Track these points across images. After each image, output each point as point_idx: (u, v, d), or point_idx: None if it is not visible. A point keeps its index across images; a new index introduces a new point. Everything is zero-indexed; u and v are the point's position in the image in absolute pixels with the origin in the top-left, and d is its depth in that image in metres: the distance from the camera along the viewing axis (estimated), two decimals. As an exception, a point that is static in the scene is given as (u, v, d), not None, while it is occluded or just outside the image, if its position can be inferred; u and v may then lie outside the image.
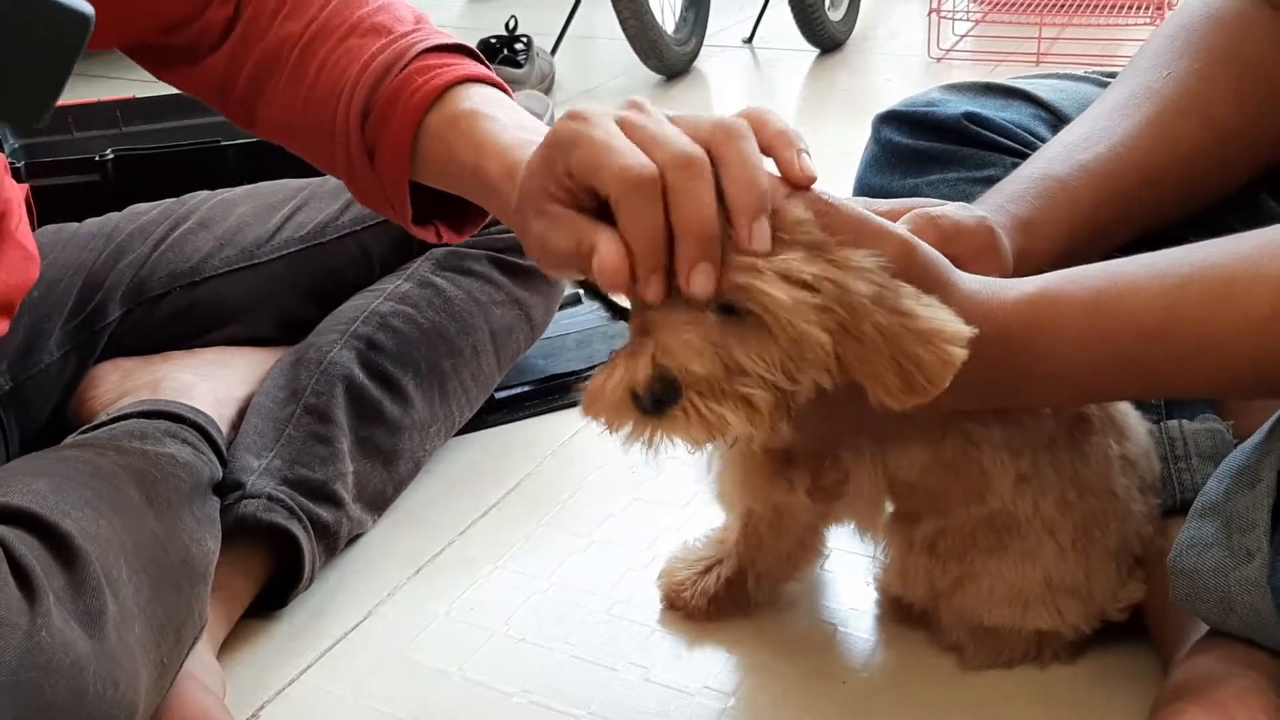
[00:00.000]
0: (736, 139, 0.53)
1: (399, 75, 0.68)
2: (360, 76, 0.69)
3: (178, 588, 0.69)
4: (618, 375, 0.54)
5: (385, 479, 0.92)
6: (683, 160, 0.52)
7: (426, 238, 0.74)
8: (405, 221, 0.72)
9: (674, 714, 0.73)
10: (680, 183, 0.51)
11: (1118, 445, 0.69)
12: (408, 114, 0.67)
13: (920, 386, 0.54)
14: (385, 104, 0.68)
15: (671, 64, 2.35)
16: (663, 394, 0.53)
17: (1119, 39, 2.40)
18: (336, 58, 0.71)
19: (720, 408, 0.53)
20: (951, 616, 0.74)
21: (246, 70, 0.74)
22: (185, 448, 0.79)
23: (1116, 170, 0.72)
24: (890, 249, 0.55)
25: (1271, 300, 0.54)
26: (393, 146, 0.68)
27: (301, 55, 0.72)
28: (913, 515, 0.71)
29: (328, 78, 0.71)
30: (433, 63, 0.69)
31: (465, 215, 0.75)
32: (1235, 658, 0.63)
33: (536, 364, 1.15)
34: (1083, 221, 0.71)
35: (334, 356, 0.92)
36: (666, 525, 0.91)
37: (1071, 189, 0.71)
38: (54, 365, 0.92)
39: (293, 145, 0.76)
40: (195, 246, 0.98)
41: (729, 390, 0.53)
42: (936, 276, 0.57)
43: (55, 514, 0.63)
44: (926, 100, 0.88)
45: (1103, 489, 0.68)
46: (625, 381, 0.54)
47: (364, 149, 0.69)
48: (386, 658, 0.79)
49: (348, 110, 0.69)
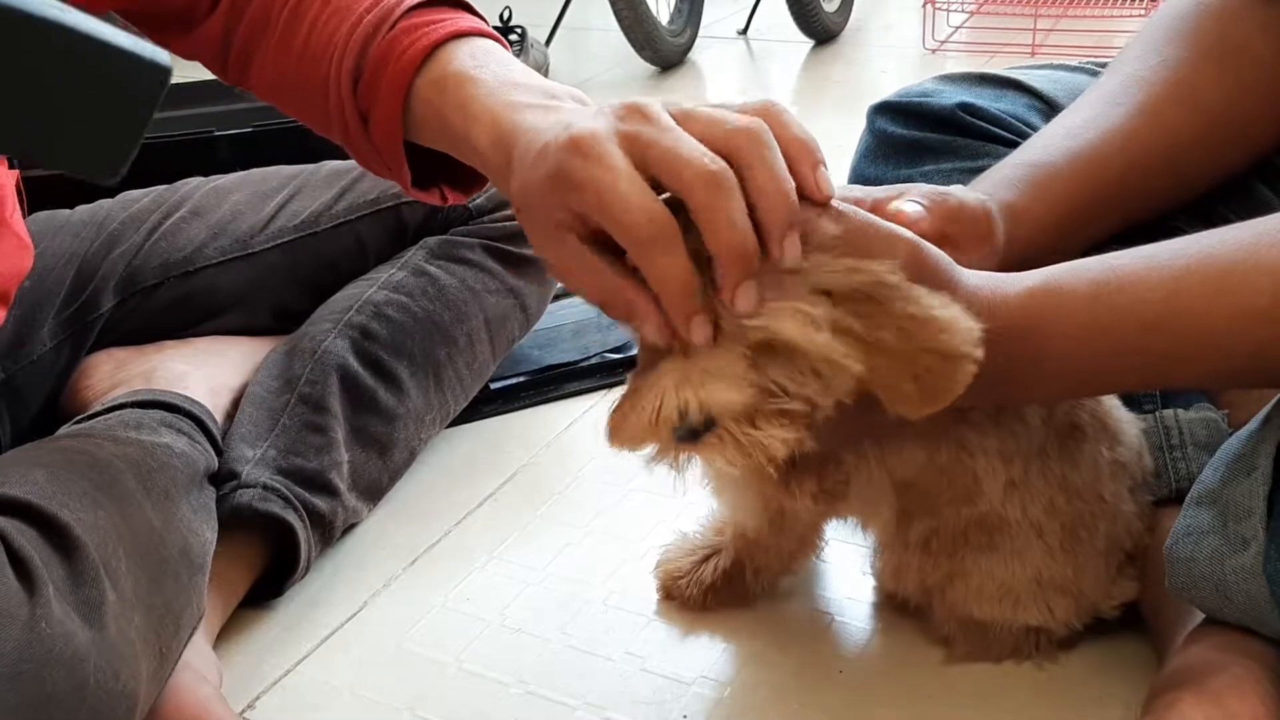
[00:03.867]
0: (761, 146, 0.51)
1: (387, 35, 0.66)
2: (349, 38, 0.67)
3: (176, 578, 0.69)
4: (648, 407, 0.53)
5: (380, 468, 0.92)
6: (709, 180, 0.50)
7: (430, 200, 0.73)
8: (406, 185, 0.70)
9: (670, 704, 0.73)
10: (711, 203, 0.50)
11: (1109, 451, 0.69)
12: (396, 79, 0.65)
13: (938, 393, 0.54)
14: (374, 68, 0.66)
15: (666, 55, 2.34)
16: (700, 427, 0.53)
17: (1114, 30, 2.41)
18: (326, 17, 0.69)
19: (756, 432, 0.53)
20: (943, 611, 0.74)
21: (240, 32, 0.73)
22: (181, 437, 0.79)
23: (1103, 157, 0.72)
24: (899, 252, 0.56)
25: (1271, 290, 0.55)
26: (384, 112, 0.66)
27: (291, 15, 0.71)
28: (905, 514, 0.71)
29: (318, 39, 0.69)
30: (420, 20, 0.66)
31: (470, 175, 0.73)
32: (1230, 646, 0.63)
33: (532, 354, 1.15)
34: (1070, 207, 0.71)
35: (328, 345, 0.91)
36: (663, 516, 0.91)
37: (1059, 175, 0.71)
38: (47, 355, 0.92)
39: (288, 108, 0.75)
40: (189, 236, 0.98)
41: (765, 412, 0.53)
42: (943, 275, 0.58)
43: (53, 504, 0.63)
44: (921, 91, 0.88)
45: (1091, 494, 0.69)
46: (657, 415, 0.53)
47: (358, 113, 0.68)
48: (382, 648, 0.79)
49: (339, 74, 0.67)
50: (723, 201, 0.50)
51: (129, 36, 0.48)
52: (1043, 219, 0.70)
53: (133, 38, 0.48)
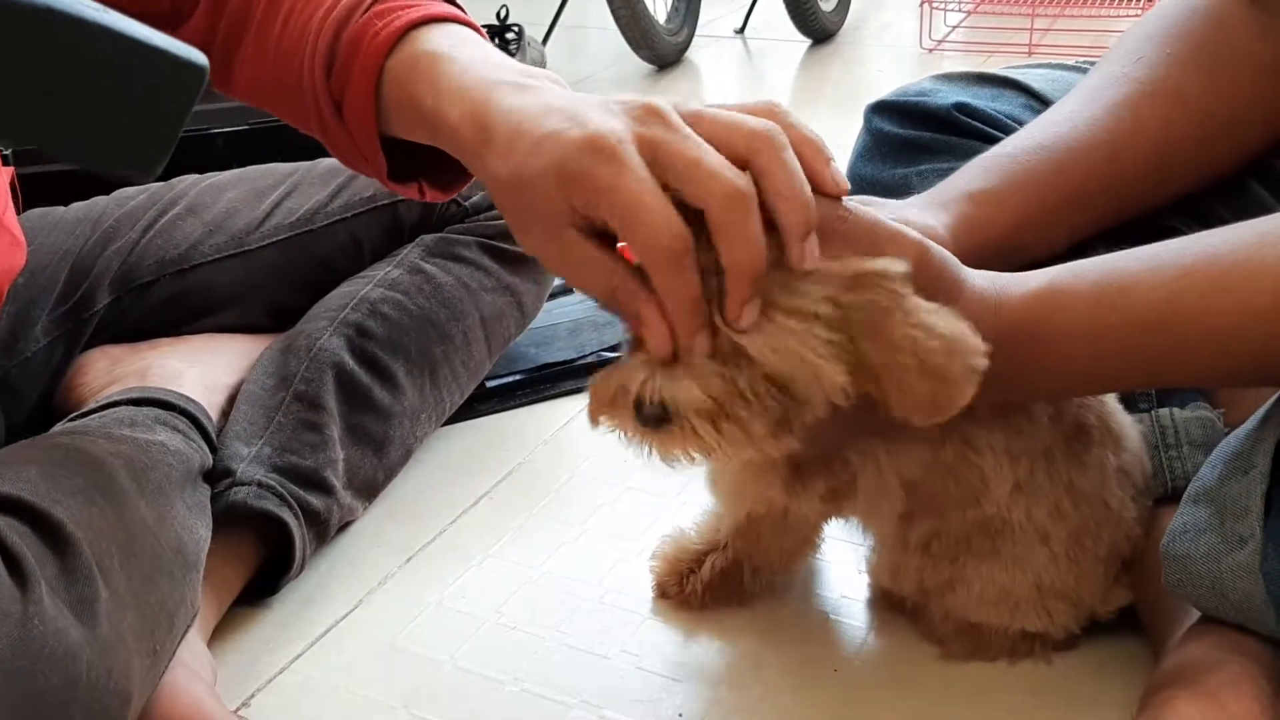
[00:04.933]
0: (778, 150, 0.51)
1: (360, 20, 0.65)
2: (323, 25, 0.66)
3: (170, 575, 0.69)
4: (614, 386, 0.55)
5: (376, 466, 0.92)
6: (734, 196, 0.50)
7: (409, 194, 0.71)
8: (381, 176, 0.68)
9: (666, 702, 0.73)
10: (732, 219, 0.50)
11: (1115, 457, 0.69)
12: (368, 60, 0.63)
13: (944, 403, 0.55)
14: (347, 52, 0.65)
15: (663, 54, 2.34)
16: (662, 413, 0.53)
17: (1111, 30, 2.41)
18: (300, 7, 0.68)
19: (714, 430, 0.53)
20: (939, 613, 0.74)
21: (221, 29, 0.72)
22: (175, 435, 0.79)
23: (1078, 149, 0.73)
24: (906, 252, 0.56)
25: (1272, 289, 0.55)
26: (357, 97, 0.64)
27: (268, 8, 0.70)
28: (908, 514, 0.71)
29: (293, 29, 0.68)
30: (393, 5, 0.65)
31: (451, 172, 0.71)
32: (1226, 644, 0.63)
33: (528, 353, 1.15)
34: (1036, 195, 0.71)
35: (324, 343, 0.91)
36: (659, 514, 0.91)
37: (1034, 163, 0.72)
38: (41, 353, 0.92)
39: (268, 105, 0.73)
40: (184, 233, 0.98)
41: (730, 414, 0.53)
42: (949, 276, 0.58)
43: (46, 502, 0.63)
44: (918, 90, 0.88)
45: (1097, 500, 0.69)
46: (626, 390, 0.54)
47: (331, 101, 0.66)
48: (378, 646, 0.79)
49: (312, 61, 0.66)
50: (744, 219, 0.50)
51: (165, 37, 0.48)
52: (1019, 205, 0.70)
53: (168, 38, 0.48)
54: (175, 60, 0.48)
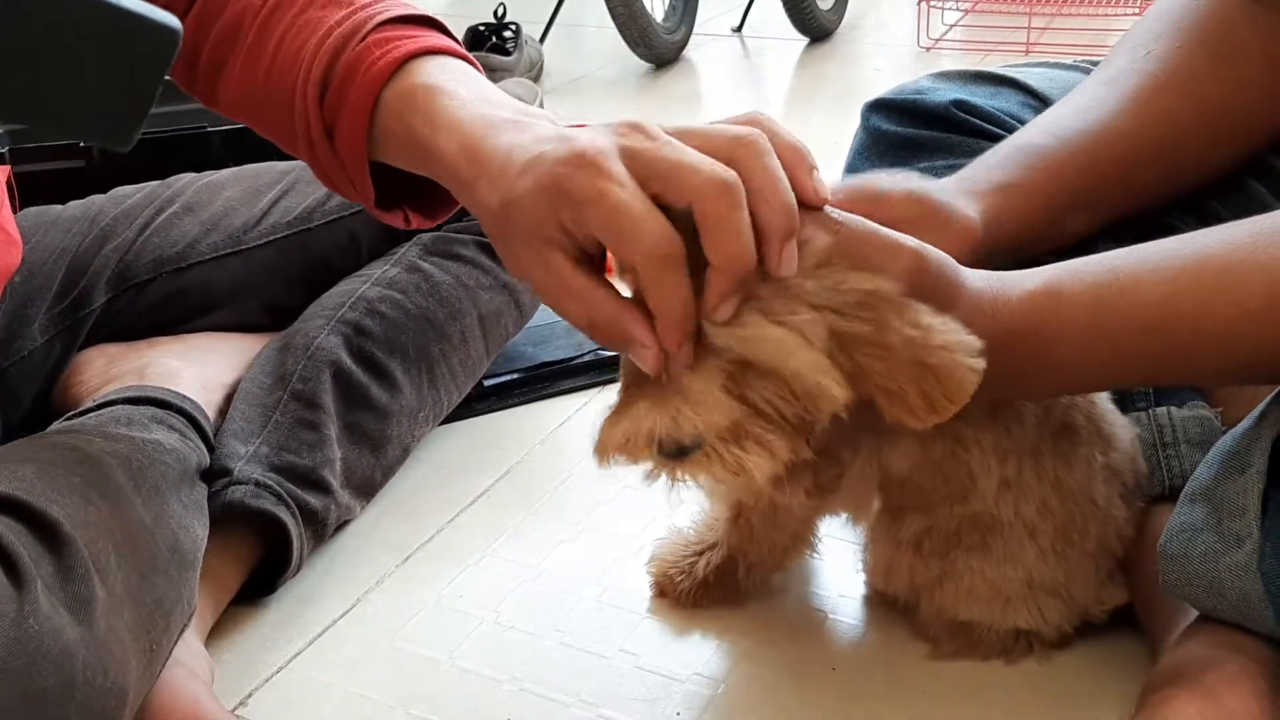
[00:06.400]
0: (762, 155, 0.51)
1: (357, 48, 0.65)
2: (318, 49, 0.66)
3: (166, 574, 0.69)
4: (631, 425, 0.54)
5: (373, 465, 0.92)
6: (720, 187, 0.50)
7: (394, 223, 0.72)
8: (368, 203, 0.69)
9: (664, 701, 0.73)
10: (719, 212, 0.50)
11: (1102, 456, 0.70)
12: (364, 88, 0.64)
13: (942, 403, 0.55)
14: (342, 79, 0.65)
15: (660, 53, 2.34)
16: (683, 447, 0.54)
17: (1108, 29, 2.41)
18: (296, 30, 0.68)
19: (741, 451, 0.54)
20: (931, 610, 0.74)
21: (209, 43, 0.72)
22: (172, 434, 0.79)
23: (1092, 143, 0.73)
24: (902, 260, 0.56)
25: (1266, 289, 0.55)
26: (350, 123, 0.65)
27: (261, 27, 0.70)
28: (899, 512, 0.71)
29: (287, 51, 0.68)
30: (392, 34, 0.65)
31: (436, 200, 0.72)
32: (1224, 643, 0.64)
33: (526, 351, 1.15)
34: (1060, 188, 0.71)
35: (321, 342, 0.91)
36: (656, 513, 0.91)
37: (1048, 155, 0.72)
38: (38, 351, 0.92)
39: (255, 123, 0.73)
40: (181, 231, 0.97)
41: (751, 432, 0.54)
42: (947, 279, 0.58)
43: (42, 500, 0.63)
44: (915, 88, 0.88)
45: (1083, 497, 0.69)
46: (644, 433, 0.54)
47: (323, 126, 0.66)
48: (375, 645, 0.79)
49: (305, 85, 0.66)
50: (733, 210, 0.50)
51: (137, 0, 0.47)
52: (1033, 195, 0.71)
53: (140, 1, 0.47)
54: (148, 23, 0.47)
